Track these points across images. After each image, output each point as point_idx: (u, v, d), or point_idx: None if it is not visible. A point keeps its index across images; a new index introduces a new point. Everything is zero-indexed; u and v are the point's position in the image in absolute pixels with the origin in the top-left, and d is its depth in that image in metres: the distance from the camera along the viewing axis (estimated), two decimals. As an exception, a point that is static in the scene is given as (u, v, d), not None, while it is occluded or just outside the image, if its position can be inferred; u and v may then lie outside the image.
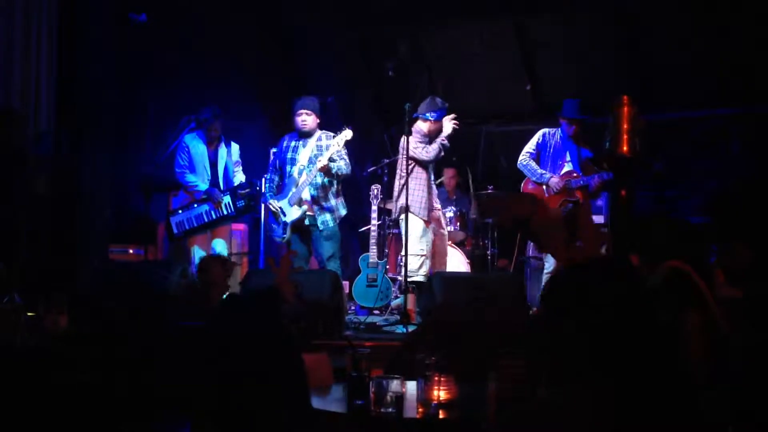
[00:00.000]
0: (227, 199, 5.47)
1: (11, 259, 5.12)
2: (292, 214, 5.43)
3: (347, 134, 5.38)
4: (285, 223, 5.45)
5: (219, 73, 6.70)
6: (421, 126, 5.63)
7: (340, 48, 7.46)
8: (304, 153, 5.47)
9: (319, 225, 5.42)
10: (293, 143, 5.56)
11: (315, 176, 5.36)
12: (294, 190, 5.43)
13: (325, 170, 5.31)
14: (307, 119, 5.46)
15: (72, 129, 5.93)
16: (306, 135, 5.50)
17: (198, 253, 5.46)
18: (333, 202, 5.49)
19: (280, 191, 5.54)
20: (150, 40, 6.05)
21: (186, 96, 6.34)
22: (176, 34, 6.41)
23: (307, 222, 5.47)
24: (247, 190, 5.44)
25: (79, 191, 5.92)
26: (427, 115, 5.60)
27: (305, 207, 5.42)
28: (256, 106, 6.95)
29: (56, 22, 5.76)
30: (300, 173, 5.44)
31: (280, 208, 5.46)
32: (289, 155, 5.53)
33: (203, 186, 5.54)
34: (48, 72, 5.69)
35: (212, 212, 5.47)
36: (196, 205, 5.51)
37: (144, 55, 6.18)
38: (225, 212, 5.47)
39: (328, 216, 5.45)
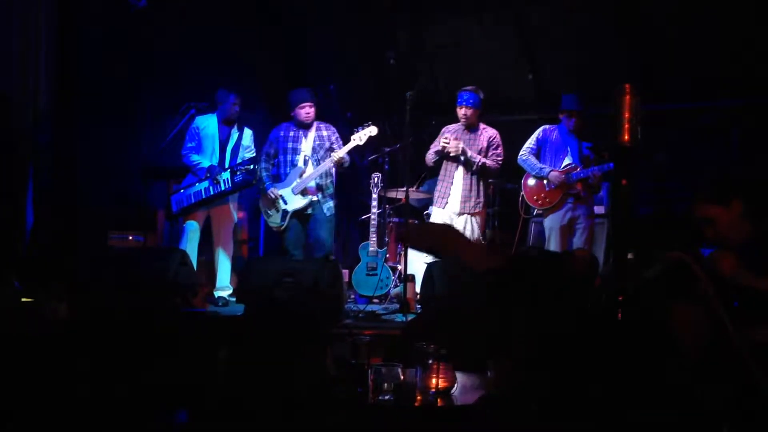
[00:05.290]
0: (226, 175, 5.46)
1: (10, 245, 5.12)
2: (296, 203, 5.56)
3: (372, 130, 5.58)
4: (285, 211, 5.56)
5: (218, 58, 6.65)
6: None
7: (342, 37, 7.42)
8: (307, 143, 5.65)
9: (325, 211, 5.59)
10: (292, 133, 5.68)
11: (328, 167, 5.54)
12: (299, 180, 5.56)
13: (340, 163, 5.51)
14: (310, 111, 5.64)
15: (71, 115, 5.90)
16: (307, 126, 5.67)
17: (191, 227, 5.46)
18: (332, 190, 5.69)
19: (278, 180, 5.65)
20: (150, 28, 6.01)
21: (185, 83, 6.31)
22: (177, 22, 6.36)
23: (309, 210, 5.59)
24: (248, 167, 5.44)
25: (78, 177, 5.91)
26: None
27: (310, 196, 5.57)
28: (256, 94, 6.91)
29: (56, 7, 5.72)
30: (305, 162, 5.59)
31: (282, 196, 5.57)
32: (290, 145, 5.65)
33: (207, 163, 5.53)
34: (47, 58, 5.66)
35: (211, 188, 5.47)
36: (197, 183, 5.51)
37: (144, 42, 6.14)
38: (222, 188, 5.46)
39: (331, 203, 5.66)
